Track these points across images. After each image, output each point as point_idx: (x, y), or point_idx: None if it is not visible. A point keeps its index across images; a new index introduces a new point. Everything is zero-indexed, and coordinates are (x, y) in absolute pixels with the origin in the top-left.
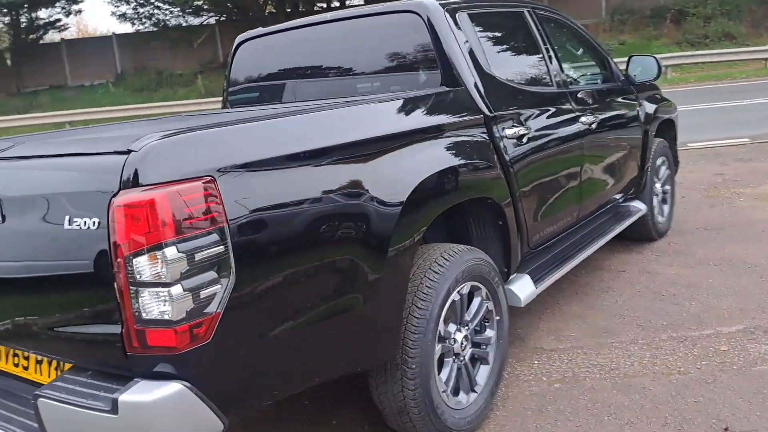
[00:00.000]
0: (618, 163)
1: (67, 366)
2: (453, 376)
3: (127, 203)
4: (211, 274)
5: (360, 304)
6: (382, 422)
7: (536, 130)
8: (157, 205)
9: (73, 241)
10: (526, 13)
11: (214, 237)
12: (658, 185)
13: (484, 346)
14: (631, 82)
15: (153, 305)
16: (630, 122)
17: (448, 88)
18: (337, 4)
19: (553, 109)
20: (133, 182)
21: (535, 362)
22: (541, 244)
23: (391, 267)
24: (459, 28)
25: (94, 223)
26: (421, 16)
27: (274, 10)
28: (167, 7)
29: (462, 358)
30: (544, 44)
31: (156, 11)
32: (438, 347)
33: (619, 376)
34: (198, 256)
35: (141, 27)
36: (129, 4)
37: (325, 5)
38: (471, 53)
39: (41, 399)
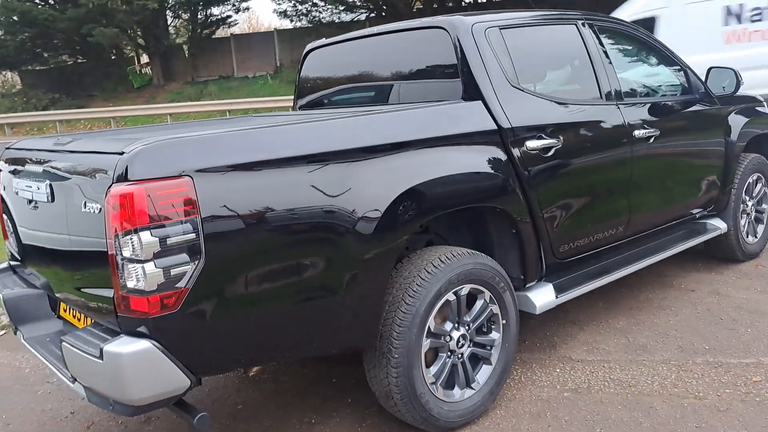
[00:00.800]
0: (686, 178)
1: (90, 321)
2: (445, 371)
3: (116, 194)
4: (183, 257)
5: (324, 296)
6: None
7: (568, 143)
8: (135, 197)
9: (87, 221)
10: (576, 26)
11: (188, 226)
12: (750, 203)
13: (488, 348)
14: (711, 94)
15: (132, 277)
16: (705, 136)
17: (463, 101)
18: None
19: (594, 122)
20: (123, 177)
21: (557, 370)
22: (574, 255)
23: (368, 265)
24: (487, 44)
25: (98, 208)
26: (449, 33)
27: (421, 6)
28: (323, 4)
29: (460, 356)
30: (594, 56)
31: (313, 9)
32: (427, 342)
33: (633, 393)
34: (170, 241)
35: (298, 23)
36: (290, 1)
37: (471, 0)
38: (495, 67)
39: (63, 343)
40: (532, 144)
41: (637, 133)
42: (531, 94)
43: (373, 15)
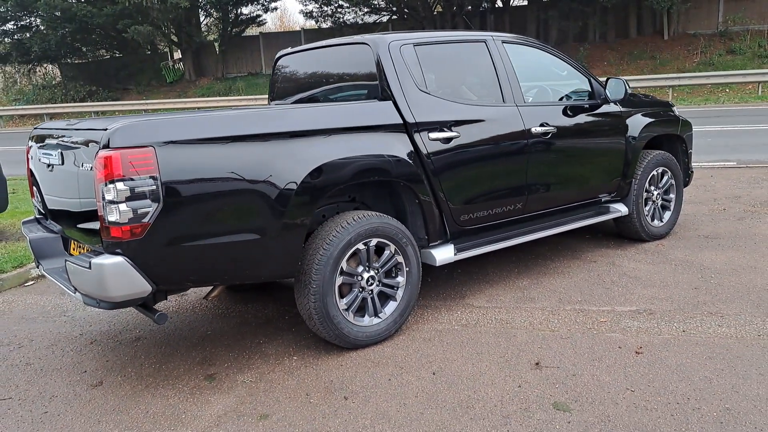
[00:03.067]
0: (583, 169)
1: (88, 249)
2: (356, 302)
3: (101, 157)
4: (147, 201)
5: (253, 238)
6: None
7: (468, 135)
8: (113, 159)
9: (84, 177)
10: (485, 43)
11: (150, 180)
12: (655, 192)
13: (394, 288)
14: (610, 100)
15: (112, 213)
16: (604, 135)
17: (377, 100)
18: (500, 4)
19: (493, 119)
20: (106, 146)
21: (458, 312)
22: (474, 224)
23: (290, 216)
24: (400, 57)
25: (90, 167)
26: (371, 48)
27: (441, 10)
28: (347, 5)
29: (370, 292)
30: (498, 67)
31: (338, 10)
32: (340, 278)
33: (506, 327)
34: (137, 190)
35: (324, 25)
36: (316, 2)
37: (487, 4)
38: (405, 75)
39: (67, 262)
40: (433, 135)
41: (534, 130)
42: (436, 97)
43: (395, 17)
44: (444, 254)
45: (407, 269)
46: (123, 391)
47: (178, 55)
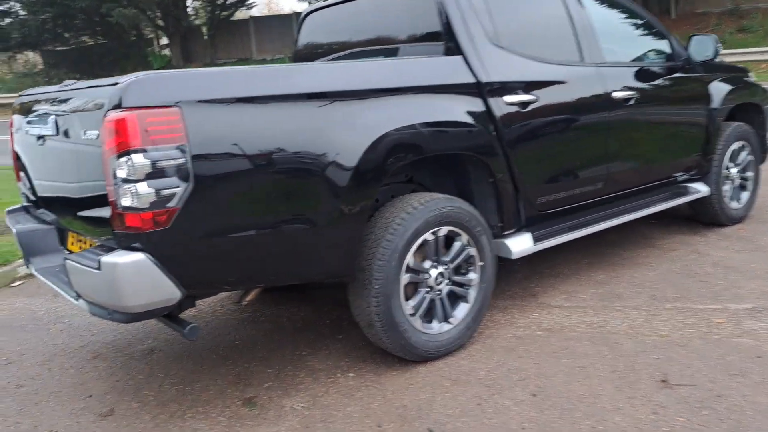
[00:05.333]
0: (665, 142)
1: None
2: (424, 304)
3: (111, 120)
4: (173, 179)
5: (305, 227)
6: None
7: (546, 100)
8: (128, 122)
9: (87, 149)
10: None
11: (177, 152)
12: (734, 170)
13: (466, 287)
14: (694, 62)
15: (127, 196)
16: (686, 103)
17: (444, 56)
18: None
19: (573, 82)
20: (117, 105)
21: (535, 314)
22: (553, 208)
23: (349, 200)
24: (468, 4)
25: (96, 135)
26: None
27: None
28: None
29: (438, 292)
30: (576, 19)
31: None
32: (406, 276)
33: (602, 332)
34: (161, 164)
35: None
36: None
37: None
38: (476, 26)
39: (67, 260)
40: (509, 98)
41: (616, 95)
42: (510, 52)
43: None
44: (521, 245)
45: (481, 264)
46: (141, 422)
47: (164, 40)
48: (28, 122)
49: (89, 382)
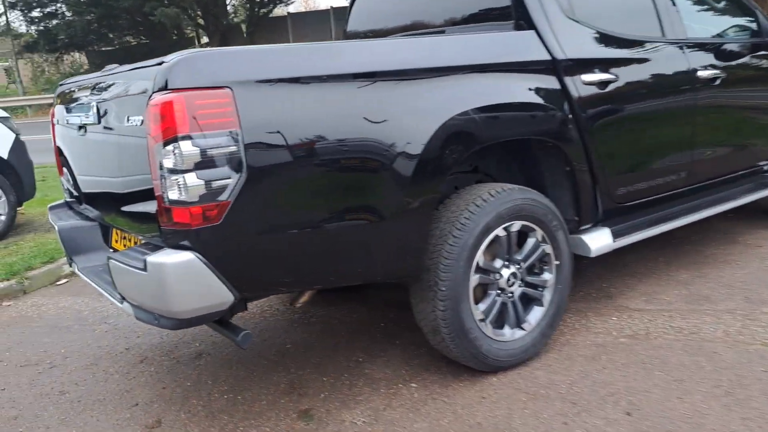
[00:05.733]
0: (753, 127)
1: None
2: (495, 309)
3: (156, 103)
4: (224, 170)
5: (370, 220)
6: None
7: (626, 79)
8: (175, 105)
9: (131, 136)
10: None
11: (228, 138)
12: None
13: (540, 289)
14: None
15: (174, 188)
16: None
17: (515, 30)
18: None
19: (655, 59)
20: (163, 87)
21: (613, 318)
22: (632, 200)
23: (413, 193)
24: None
25: (140, 120)
26: None
27: None
28: None
29: (509, 294)
30: None
31: None
32: (475, 277)
33: (695, 339)
34: (211, 152)
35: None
36: None
37: None
38: None
39: (110, 260)
40: (587, 77)
41: (701, 74)
42: (587, 26)
43: None
44: (599, 241)
45: (557, 263)
46: None
47: (205, 39)
48: (69, 111)
49: (135, 388)
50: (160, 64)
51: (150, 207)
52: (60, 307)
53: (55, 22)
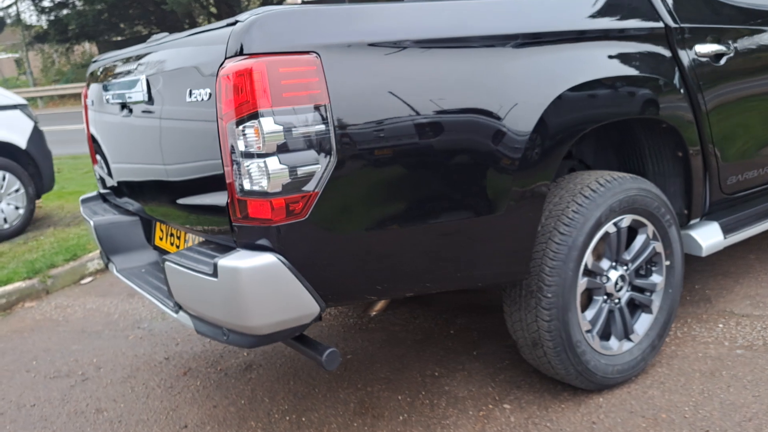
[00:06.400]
0: None
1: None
2: (602, 317)
3: (230, 71)
4: (311, 153)
5: (475, 215)
6: (522, 359)
7: (743, 52)
8: (255, 74)
9: (193, 115)
10: None
11: (315, 115)
12: None
13: (648, 293)
14: None
15: (251, 176)
16: None
17: None
18: None
19: None
20: (237, 52)
21: (720, 326)
22: (742, 191)
23: (521, 182)
24: None
25: (207, 93)
26: None
27: None
28: None
29: (616, 300)
30: None
31: None
32: (583, 281)
33: None
34: (296, 132)
35: None
36: None
37: None
38: None
39: (167, 262)
40: (701, 48)
41: None
42: None
43: None
44: (710, 238)
45: (667, 263)
46: None
47: None
48: (108, 90)
49: (181, 406)
50: (233, 24)
51: (217, 199)
52: (87, 309)
53: (65, 11)
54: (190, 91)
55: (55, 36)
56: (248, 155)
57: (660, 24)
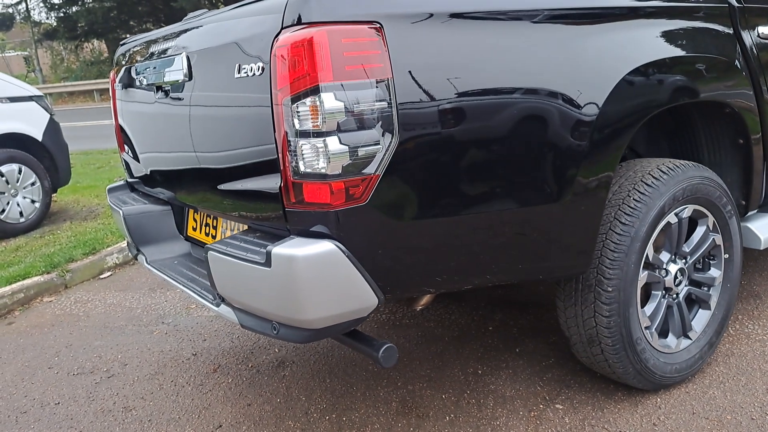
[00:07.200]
0: None
1: (244, 228)
2: (660, 313)
3: (286, 43)
4: (372, 132)
5: (541, 203)
6: (569, 356)
7: None
8: (315, 45)
9: (243, 92)
10: None
11: (377, 90)
12: None
13: (706, 288)
14: None
15: (309, 157)
16: None
17: None
18: None
19: None
20: (295, 21)
21: (763, 320)
22: None
23: (586, 169)
24: None
25: (259, 68)
26: None
27: None
28: None
29: (674, 296)
30: None
31: None
32: (644, 274)
33: None
34: (357, 109)
35: None
36: None
37: None
38: None
39: (210, 252)
40: (764, 30)
41: None
42: None
43: None
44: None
45: (726, 256)
46: None
47: None
48: (140, 72)
49: (214, 405)
50: None
51: (268, 183)
52: (108, 303)
53: (75, 9)
54: (239, 66)
55: (64, 33)
56: (305, 134)
57: (724, 3)
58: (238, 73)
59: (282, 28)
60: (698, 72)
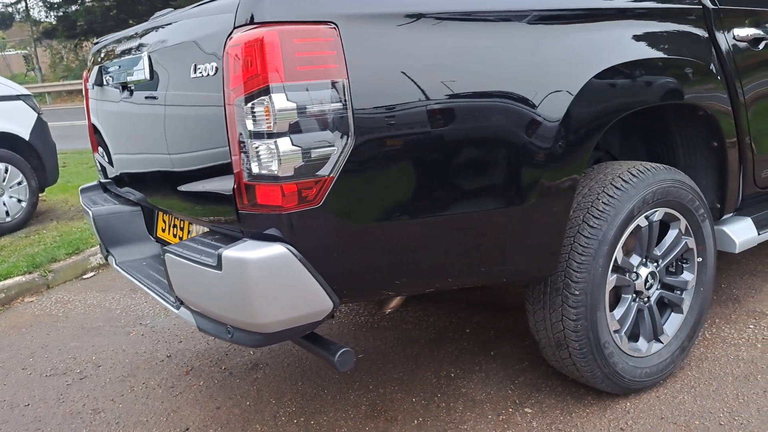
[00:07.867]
0: None
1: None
2: (630, 317)
3: (238, 43)
4: (326, 133)
5: (502, 206)
6: (542, 360)
7: None
8: (266, 45)
9: (198, 92)
10: None
11: (332, 91)
12: None
13: (679, 291)
14: None
15: (262, 158)
16: None
17: None
18: None
19: None
20: (248, 21)
21: (750, 326)
22: None
23: (551, 172)
24: None
25: (213, 68)
26: None
27: None
28: None
29: (645, 299)
30: None
31: None
32: (612, 277)
33: None
34: (310, 110)
35: None
36: None
37: None
38: None
39: (168, 254)
40: (740, 32)
41: None
42: None
43: None
44: (743, 233)
45: (699, 260)
46: None
47: None
48: (107, 71)
49: (183, 407)
50: None
51: (223, 185)
52: (88, 304)
53: (74, 7)
54: (195, 66)
55: (63, 32)
56: (257, 135)
57: (698, 5)
58: (194, 73)
59: (234, 28)
60: (669, 74)
